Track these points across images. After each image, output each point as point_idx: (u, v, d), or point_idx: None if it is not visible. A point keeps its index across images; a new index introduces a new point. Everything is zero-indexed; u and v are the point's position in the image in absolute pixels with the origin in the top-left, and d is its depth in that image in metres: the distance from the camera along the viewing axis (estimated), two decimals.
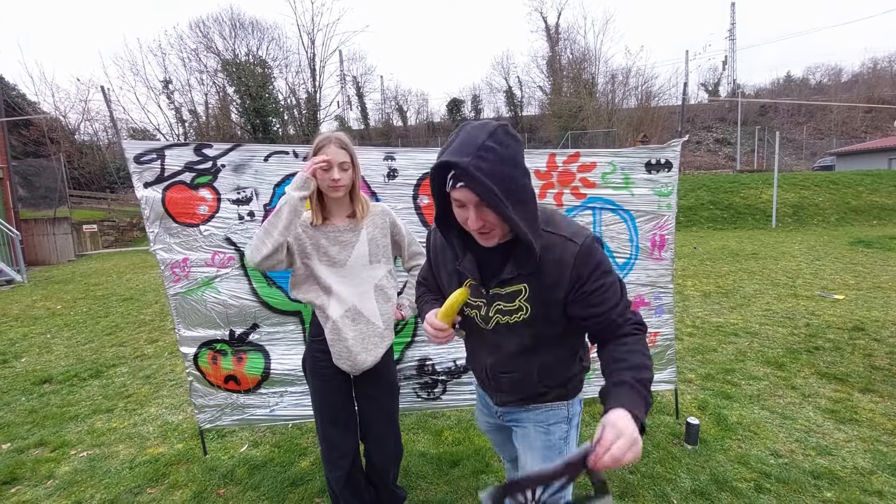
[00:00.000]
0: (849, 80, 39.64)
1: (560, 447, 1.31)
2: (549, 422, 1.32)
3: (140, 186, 2.16)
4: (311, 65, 30.82)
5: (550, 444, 1.31)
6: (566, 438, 1.32)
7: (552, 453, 1.30)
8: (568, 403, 1.32)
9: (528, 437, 1.33)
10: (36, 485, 2.46)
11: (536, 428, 1.32)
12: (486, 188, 0.93)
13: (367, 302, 1.77)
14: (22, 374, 4.18)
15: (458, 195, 1.00)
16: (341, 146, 1.67)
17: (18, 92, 24.27)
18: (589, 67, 32.19)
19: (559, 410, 1.32)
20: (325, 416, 1.83)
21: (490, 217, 1.01)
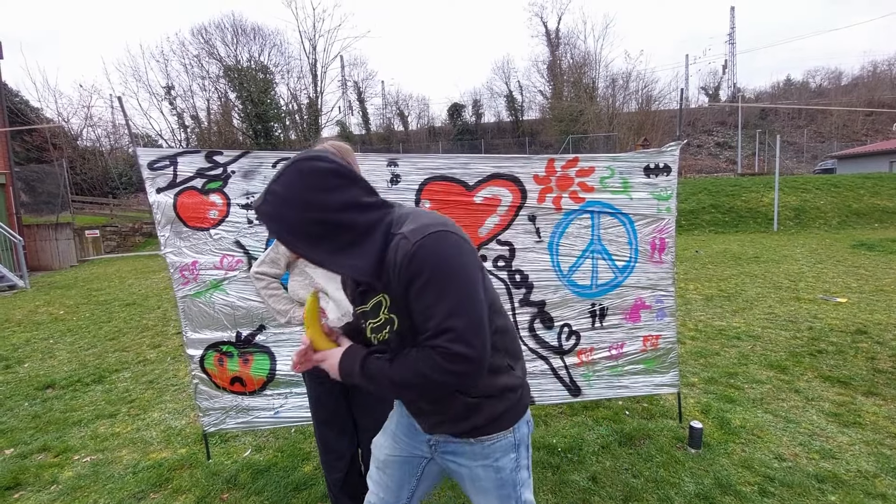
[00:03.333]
0: (849, 83, 39.70)
1: (514, 479, 1.20)
2: (496, 456, 1.18)
3: (153, 192, 2.24)
4: (312, 70, 31.01)
5: (503, 480, 1.19)
6: (517, 467, 1.21)
7: (507, 489, 1.20)
8: (513, 429, 1.18)
9: (478, 479, 1.20)
10: (39, 490, 2.47)
11: (485, 467, 1.19)
12: (271, 230, 0.99)
13: None
14: (25, 379, 4.19)
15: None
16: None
17: (21, 98, 24.42)
18: (589, 72, 32.31)
19: (505, 440, 1.18)
20: (319, 418, 1.87)
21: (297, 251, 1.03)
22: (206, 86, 29.79)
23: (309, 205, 0.95)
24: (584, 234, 2.55)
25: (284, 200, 0.95)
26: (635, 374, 2.69)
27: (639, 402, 3.17)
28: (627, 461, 2.50)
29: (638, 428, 2.81)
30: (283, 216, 0.96)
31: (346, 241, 0.99)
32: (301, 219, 0.96)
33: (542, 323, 2.57)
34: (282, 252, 1.85)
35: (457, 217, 2.41)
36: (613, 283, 2.61)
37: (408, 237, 0.97)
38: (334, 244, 0.98)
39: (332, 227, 0.97)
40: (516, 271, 2.51)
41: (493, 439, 1.17)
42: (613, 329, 2.64)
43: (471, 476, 1.21)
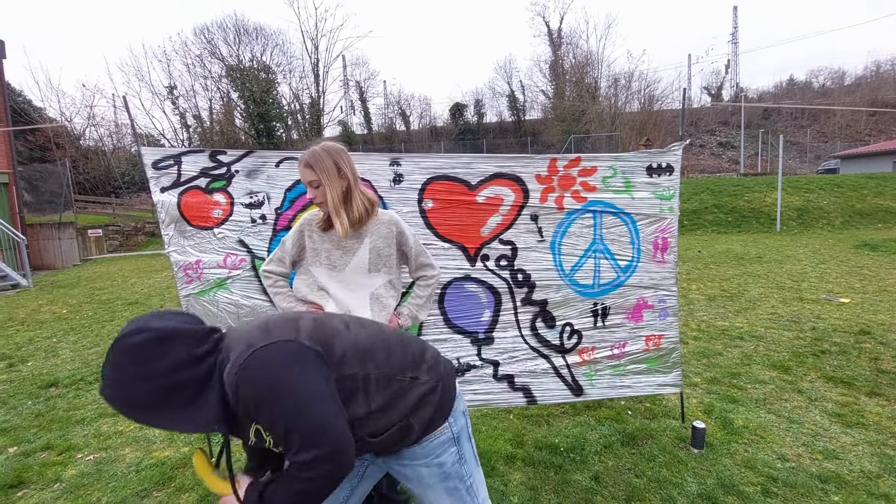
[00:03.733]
0: (852, 83, 39.56)
1: (459, 472, 1.24)
2: (437, 452, 1.23)
3: (157, 191, 2.25)
4: (314, 70, 31.07)
5: (447, 474, 1.23)
6: (460, 460, 1.25)
7: (454, 482, 1.24)
8: (448, 423, 1.23)
9: (422, 478, 1.24)
10: (43, 488, 2.47)
11: (427, 465, 1.23)
12: (118, 410, 1.00)
13: (362, 309, 1.81)
14: (28, 377, 4.21)
15: None
16: (306, 165, 1.72)
17: (25, 98, 24.51)
18: (591, 71, 32.27)
19: (444, 435, 1.23)
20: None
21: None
22: (209, 85, 29.91)
23: (140, 378, 0.97)
24: (587, 233, 2.54)
25: (119, 381, 0.98)
26: (638, 373, 2.68)
27: (641, 402, 3.16)
28: (630, 461, 2.49)
29: (640, 428, 2.80)
30: (123, 395, 0.99)
31: (186, 400, 1.01)
32: (137, 393, 0.98)
33: (544, 322, 2.57)
34: (287, 251, 1.86)
35: (459, 216, 2.42)
36: (616, 282, 2.60)
37: (230, 368, 1.01)
38: (175, 406, 1.00)
39: (167, 393, 0.99)
40: (518, 271, 2.51)
41: (431, 438, 1.22)
42: (616, 328, 2.64)
43: (416, 475, 1.25)
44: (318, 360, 1.05)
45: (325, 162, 1.70)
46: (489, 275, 2.48)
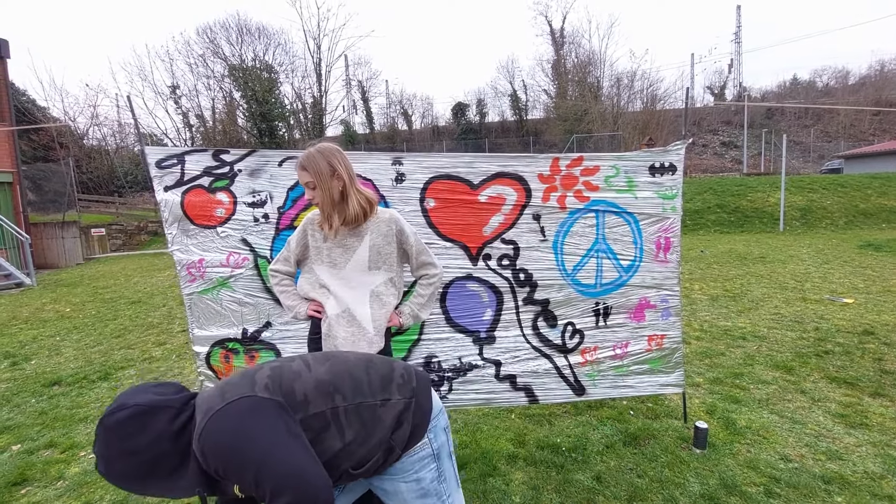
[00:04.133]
0: (856, 82, 39.37)
1: (437, 490, 1.24)
2: (416, 468, 1.22)
3: (160, 190, 2.26)
4: (316, 70, 31.09)
5: (425, 490, 1.23)
6: (439, 477, 1.25)
7: (431, 499, 1.23)
8: (429, 439, 1.23)
9: (400, 493, 1.24)
10: (46, 486, 2.48)
11: (405, 481, 1.22)
12: (116, 485, 1.08)
13: (361, 306, 1.85)
14: (32, 376, 4.23)
15: None
16: (301, 167, 1.76)
17: (28, 97, 24.61)
18: (594, 71, 32.19)
19: (423, 451, 1.22)
20: None
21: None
22: (211, 85, 29.96)
23: (126, 453, 1.04)
24: (589, 233, 2.54)
25: (108, 458, 1.05)
26: (640, 373, 2.68)
27: (643, 402, 3.16)
28: (632, 461, 2.49)
29: (643, 428, 2.80)
30: (113, 471, 1.05)
31: (169, 469, 1.07)
32: (125, 467, 1.05)
33: (546, 321, 2.57)
34: (291, 251, 1.91)
35: (461, 215, 2.42)
36: (618, 282, 2.60)
37: (195, 438, 1.06)
38: (160, 476, 1.07)
39: (151, 465, 1.06)
40: (520, 270, 2.51)
41: (410, 453, 1.21)
42: (618, 328, 2.63)
43: (394, 490, 1.24)
44: (276, 409, 1.08)
45: (319, 164, 1.72)
46: (491, 274, 2.48)
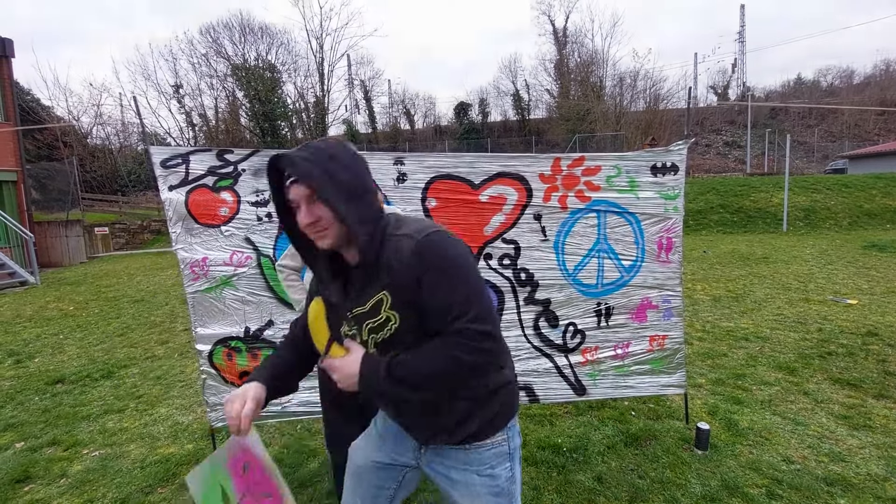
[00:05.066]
0: (861, 82, 39.20)
1: (510, 490, 1.17)
2: (492, 463, 1.15)
3: (165, 189, 2.28)
4: (319, 69, 31.10)
5: (499, 489, 1.16)
6: (512, 478, 1.18)
7: (504, 500, 1.16)
8: (507, 436, 1.17)
9: (472, 485, 1.15)
10: (49, 483, 2.50)
11: (480, 474, 1.15)
12: (310, 175, 0.98)
13: None
14: (35, 373, 4.25)
15: (291, 194, 1.03)
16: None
17: (33, 96, 24.74)
18: (597, 70, 32.13)
19: (500, 447, 1.16)
20: (329, 400, 1.96)
21: (319, 212, 1.01)
22: (214, 84, 30.05)
23: (352, 167, 1.04)
24: (590, 233, 2.53)
25: (330, 156, 1.02)
26: (641, 374, 2.67)
27: (645, 403, 3.15)
28: (633, 462, 2.48)
29: (644, 428, 2.79)
30: (327, 167, 1.01)
31: (369, 208, 1.05)
32: (339, 172, 1.02)
33: (547, 321, 2.56)
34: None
35: (462, 215, 2.41)
36: (619, 282, 2.59)
37: (412, 236, 1.02)
38: (359, 209, 1.02)
39: (368, 193, 1.05)
40: (521, 270, 2.50)
41: (488, 446, 1.15)
42: (619, 328, 2.63)
43: (465, 482, 1.17)
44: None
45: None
46: (492, 274, 2.48)
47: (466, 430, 1.12)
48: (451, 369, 0.99)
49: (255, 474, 1.07)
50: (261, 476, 1.07)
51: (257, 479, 1.07)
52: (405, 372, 1.00)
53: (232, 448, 1.10)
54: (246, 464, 1.09)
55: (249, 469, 1.08)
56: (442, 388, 1.04)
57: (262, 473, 1.07)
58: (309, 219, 1.01)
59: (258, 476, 1.07)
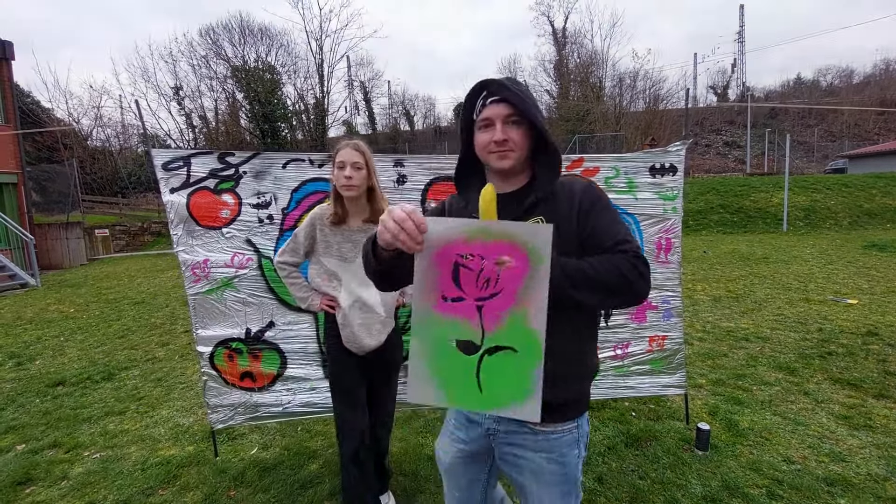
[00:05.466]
0: (860, 81, 39.24)
1: (576, 477, 1.17)
2: (562, 450, 1.15)
3: (166, 192, 2.29)
4: (319, 70, 31.08)
5: (567, 476, 1.16)
6: (578, 464, 1.19)
7: (570, 486, 1.16)
8: (578, 424, 1.18)
9: (541, 473, 1.15)
10: (50, 485, 2.50)
11: (549, 459, 1.15)
12: (520, 98, 1.08)
13: (371, 294, 1.97)
14: (36, 376, 4.25)
15: (488, 112, 1.10)
16: (355, 149, 1.87)
17: (33, 99, 24.76)
18: (596, 71, 32.13)
19: (571, 434, 1.16)
20: (339, 391, 2.00)
21: (513, 133, 1.09)
22: (214, 86, 30.03)
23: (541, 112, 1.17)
24: None
25: (529, 89, 1.16)
26: (641, 374, 2.67)
27: (645, 404, 3.15)
28: (634, 462, 2.49)
29: (644, 429, 2.79)
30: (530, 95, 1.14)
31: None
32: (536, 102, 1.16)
33: None
34: (300, 243, 1.97)
35: None
36: None
37: (579, 176, 1.22)
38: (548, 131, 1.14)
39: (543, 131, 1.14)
40: None
41: (560, 433, 1.15)
42: (619, 329, 2.63)
43: (532, 468, 1.17)
44: None
45: (368, 153, 1.91)
46: None
47: (547, 396, 1.05)
48: (614, 281, 1.00)
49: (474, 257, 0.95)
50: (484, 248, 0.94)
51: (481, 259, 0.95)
52: (574, 268, 1.00)
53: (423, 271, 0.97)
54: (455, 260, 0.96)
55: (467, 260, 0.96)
56: (596, 296, 1.01)
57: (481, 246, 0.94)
58: (503, 136, 1.08)
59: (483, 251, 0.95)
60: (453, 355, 0.99)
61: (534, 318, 0.94)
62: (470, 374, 0.98)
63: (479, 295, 0.96)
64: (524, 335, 0.95)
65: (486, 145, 1.11)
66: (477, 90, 1.13)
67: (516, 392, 0.95)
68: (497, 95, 1.09)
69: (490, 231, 0.95)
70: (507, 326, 0.95)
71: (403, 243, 0.95)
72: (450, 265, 0.97)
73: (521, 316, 0.94)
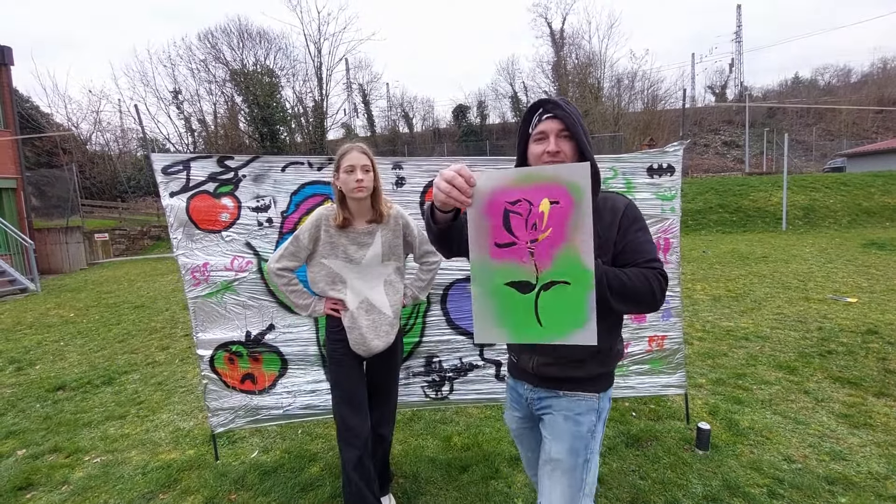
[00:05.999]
0: (858, 80, 39.30)
1: (587, 440, 1.30)
2: (579, 411, 1.31)
3: (166, 196, 2.30)
4: (317, 73, 31.14)
5: (579, 434, 1.30)
6: (593, 431, 1.32)
7: (579, 444, 1.29)
8: (599, 397, 1.33)
9: (557, 425, 1.32)
10: (51, 490, 2.50)
11: (566, 417, 1.32)
12: (571, 118, 1.21)
13: (377, 294, 1.98)
14: (36, 381, 4.25)
15: (544, 126, 1.23)
16: (363, 151, 1.89)
17: (32, 104, 24.78)
18: (594, 72, 32.19)
19: (590, 401, 1.32)
20: (340, 398, 1.98)
21: (565, 147, 1.22)
22: (213, 90, 30.09)
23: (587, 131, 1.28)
24: None
25: (579, 113, 1.26)
26: (641, 374, 2.67)
27: (645, 404, 3.15)
28: (634, 462, 2.49)
29: (645, 429, 2.80)
30: (580, 117, 1.25)
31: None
32: (587, 131, 1.26)
33: None
34: (303, 246, 1.93)
35: None
36: None
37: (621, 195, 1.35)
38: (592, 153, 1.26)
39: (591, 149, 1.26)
40: None
41: (580, 396, 1.32)
42: None
43: (552, 422, 1.34)
44: None
45: (372, 154, 1.93)
46: None
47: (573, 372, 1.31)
48: (642, 290, 1.16)
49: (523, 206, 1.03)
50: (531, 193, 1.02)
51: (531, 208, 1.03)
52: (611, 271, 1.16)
53: (476, 225, 1.06)
54: (505, 208, 1.04)
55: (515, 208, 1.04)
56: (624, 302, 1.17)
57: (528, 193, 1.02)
58: (556, 148, 1.21)
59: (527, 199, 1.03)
60: (512, 296, 1.07)
61: (583, 252, 1.01)
62: (529, 310, 1.06)
63: (531, 237, 1.03)
64: (575, 267, 1.02)
65: (539, 156, 1.23)
66: (534, 108, 1.27)
67: (574, 320, 1.04)
68: (551, 113, 1.23)
69: (534, 176, 1.03)
70: (560, 262, 1.03)
71: (456, 199, 1.05)
72: (500, 213, 1.04)
73: (572, 250, 1.02)
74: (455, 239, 1.25)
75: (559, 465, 1.29)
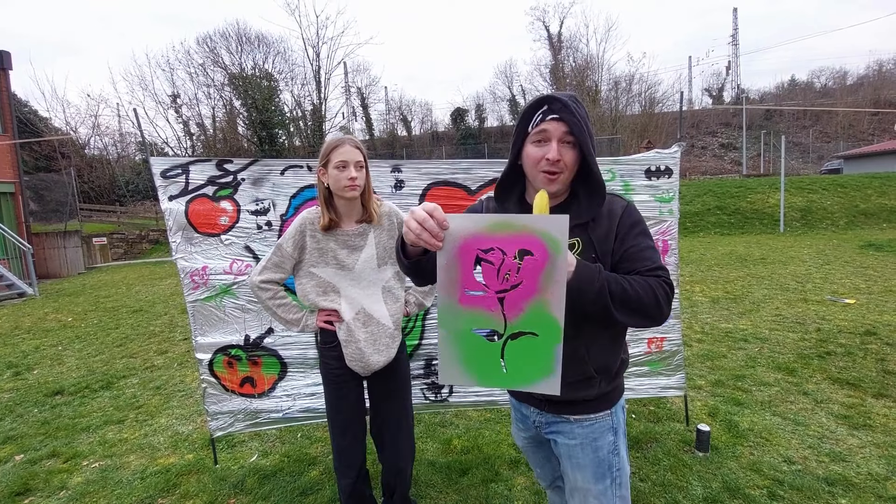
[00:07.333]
0: (854, 82, 39.51)
1: (610, 461, 1.24)
2: (595, 436, 1.24)
3: (165, 199, 2.29)
4: (316, 77, 31.22)
5: (600, 459, 1.23)
6: (615, 450, 1.25)
7: (603, 469, 1.23)
8: (612, 411, 1.25)
9: (575, 456, 1.25)
10: (49, 495, 2.48)
11: (583, 445, 1.24)
12: (580, 124, 1.07)
13: (376, 304, 1.79)
14: (34, 385, 4.23)
15: (546, 126, 1.09)
16: (355, 146, 1.70)
17: (31, 108, 24.78)
18: (592, 75, 32.33)
19: (605, 421, 1.24)
20: (335, 425, 1.86)
21: (567, 155, 1.09)
22: (212, 94, 30.14)
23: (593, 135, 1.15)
24: None
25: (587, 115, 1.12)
26: (640, 376, 2.68)
27: (645, 406, 3.15)
28: (634, 465, 2.48)
29: (644, 431, 2.79)
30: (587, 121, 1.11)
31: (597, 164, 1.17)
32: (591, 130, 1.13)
33: None
34: (288, 255, 1.75)
35: None
36: None
37: (619, 196, 1.21)
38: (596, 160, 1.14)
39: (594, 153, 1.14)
40: None
41: (592, 419, 1.24)
42: None
43: (567, 453, 1.26)
44: None
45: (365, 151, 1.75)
46: None
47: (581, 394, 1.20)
48: (646, 301, 1.05)
49: (494, 253, 0.98)
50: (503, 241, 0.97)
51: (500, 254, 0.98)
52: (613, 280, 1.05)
53: (446, 270, 1.00)
54: (477, 255, 0.99)
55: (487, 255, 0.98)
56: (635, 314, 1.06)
57: (498, 241, 0.97)
58: (556, 155, 1.08)
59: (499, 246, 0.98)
60: (478, 342, 1.05)
61: (554, 306, 0.97)
62: (495, 357, 1.04)
63: (500, 287, 0.99)
64: (545, 321, 0.99)
65: (537, 161, 1.10)
66: (538, 104, 1.11)
67: (538, 371, 1.01)
68: (558, 114, 1.08)
69: (509, 224, 0.97)
70: (529, 314, 0.99)
71: (426, 242, 0.98)
72: (471, 260, 1.00)
73: (542, 304, 0.98)
74: (428, 272, 1.15)
75: (588, 493, 1.24)
